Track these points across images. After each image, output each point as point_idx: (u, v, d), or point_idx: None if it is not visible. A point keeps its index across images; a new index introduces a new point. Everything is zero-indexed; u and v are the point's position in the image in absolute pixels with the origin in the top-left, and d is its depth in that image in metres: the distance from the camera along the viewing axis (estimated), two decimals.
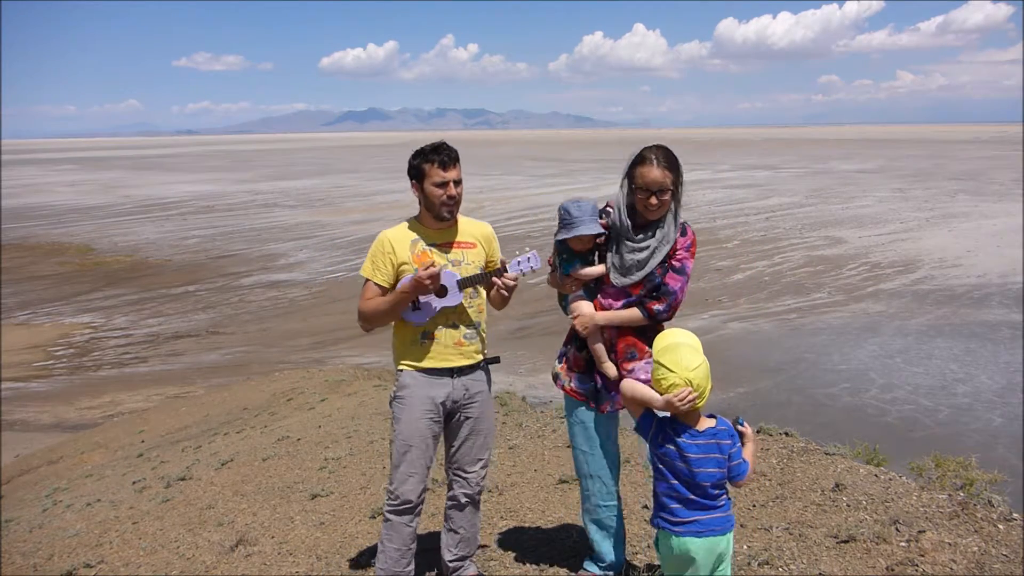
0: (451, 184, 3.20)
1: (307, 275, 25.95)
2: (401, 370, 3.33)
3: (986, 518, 3.78)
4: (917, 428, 10.87)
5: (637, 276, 3.10)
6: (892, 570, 3.38)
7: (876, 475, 4.49)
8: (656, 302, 3.12)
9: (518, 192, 49.02)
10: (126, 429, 11.35)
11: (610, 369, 3.16)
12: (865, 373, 13.36)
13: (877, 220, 31.91)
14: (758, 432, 5.58)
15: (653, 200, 3.01)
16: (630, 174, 3.06)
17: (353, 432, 7.13)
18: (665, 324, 3.21)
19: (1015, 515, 3.80)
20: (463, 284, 3.26)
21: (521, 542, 4.09)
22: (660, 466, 2.60)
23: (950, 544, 3.54)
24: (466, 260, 3.33)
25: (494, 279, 3.28)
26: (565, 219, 3.15)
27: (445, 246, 3.31)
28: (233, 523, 5.07)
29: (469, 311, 3.34)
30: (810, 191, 44.47)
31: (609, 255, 3.16)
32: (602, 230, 3.13)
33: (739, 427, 2.66)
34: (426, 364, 3.29)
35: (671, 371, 2.53)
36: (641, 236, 3.10)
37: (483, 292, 3.43)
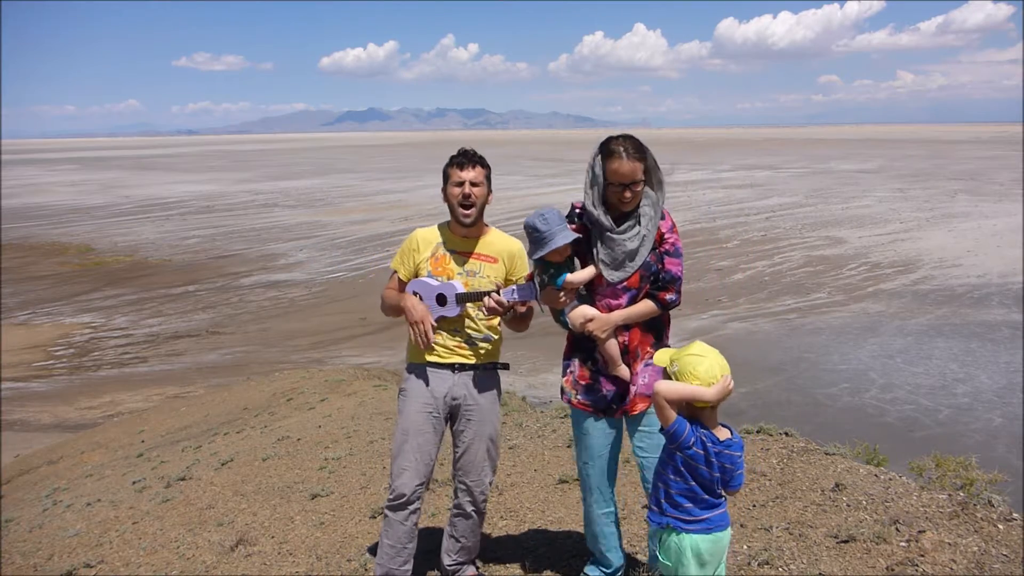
0: (466, 184, 3.22)
1: (307, 275, 25.96)
2: (407, 364, 3.44)
3: (986, 518, 3.78)
4: (917, 428, 10.88)
5: (631, 267, 3.04)
6: (892, 570, 3.38)
7: (876, 475, 4.49)
8: (666, 291, 3.09)
9: (518, 192, 49.01)
10: (126, 429, 11.35)
11: (624, 371, 3.11)
12: (865, 373, 13.36)
13: (877, 220, 31.92)
14: (758, 432, 5.57)
15: (627, 193, 2.98)
16: (602, 169, 3.01)
17: (353, 432, 7.13)
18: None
19: (1015, 515, 3.80)
20: (461, 299, 3.24)
21: (521, 542, 4.09)
22: (682, 468, 2.58)
23: (950, 544, 3.54)
24: (482, 273, 3.30)
25: (487, 298, 3.16)
26: (535, 236, 3.03)
27: (464, 255, 3.31)
28: (233, 523, 5.07)
29: (472, 325, 3.32)
30: (810, 191, 44.47)
31: (597, 253, 3.07)
32: (576, 235, 3.04)
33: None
34: (428, 359, 3.34)
35: (702, 356, 2.50)
36: (626, 226, 3.04)
37: None
